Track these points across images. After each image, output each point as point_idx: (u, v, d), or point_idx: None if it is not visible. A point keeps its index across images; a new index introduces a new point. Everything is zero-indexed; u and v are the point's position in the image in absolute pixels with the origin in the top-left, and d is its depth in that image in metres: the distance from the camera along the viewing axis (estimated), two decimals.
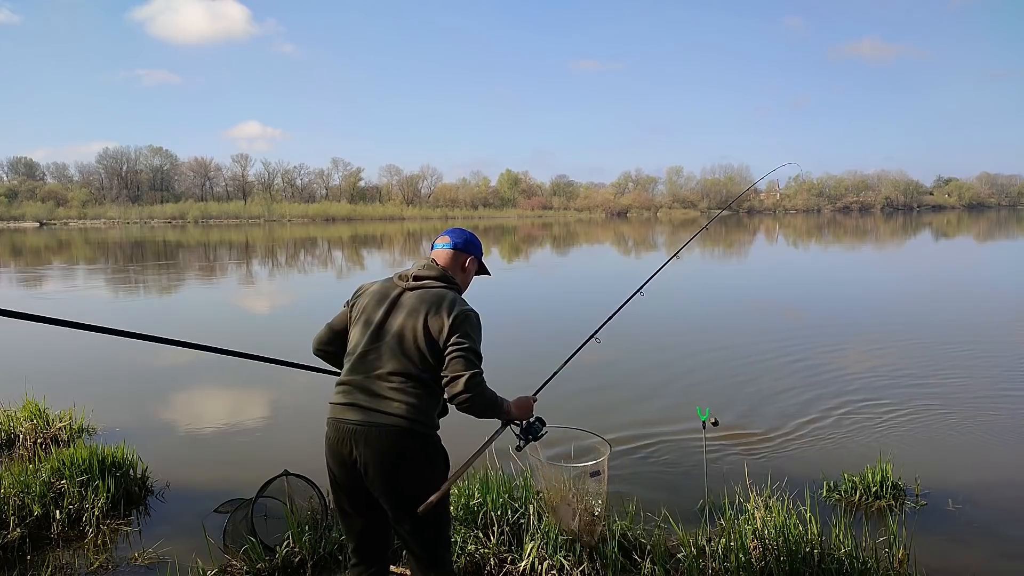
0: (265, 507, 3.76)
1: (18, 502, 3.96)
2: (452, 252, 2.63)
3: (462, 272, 2.66)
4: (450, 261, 2.62)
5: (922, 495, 4.31)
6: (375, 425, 2.31)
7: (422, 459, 2.36)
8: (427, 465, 2.38)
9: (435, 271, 2.54)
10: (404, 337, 2.37)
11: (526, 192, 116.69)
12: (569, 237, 45.49)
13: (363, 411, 2.33)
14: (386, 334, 2.41)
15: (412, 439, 2.33)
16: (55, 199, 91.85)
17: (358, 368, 2.41)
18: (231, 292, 17.17)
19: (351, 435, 2.33)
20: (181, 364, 8.83)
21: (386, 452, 2.30)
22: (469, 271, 2.69)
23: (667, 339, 9.89)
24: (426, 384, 2.36)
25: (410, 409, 2.32)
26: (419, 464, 2.35)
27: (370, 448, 2.30)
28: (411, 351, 2.36)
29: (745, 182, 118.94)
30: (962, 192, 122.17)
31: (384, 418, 2.31)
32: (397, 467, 2.31)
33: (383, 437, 2.30)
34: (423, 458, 2.37)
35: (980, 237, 38.50)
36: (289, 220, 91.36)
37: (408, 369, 2.35)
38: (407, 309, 2.42)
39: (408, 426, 2.31)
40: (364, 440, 2.31)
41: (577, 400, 6.61)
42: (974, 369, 7.60)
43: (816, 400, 6.48)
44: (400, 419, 2.30)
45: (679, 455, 5.01)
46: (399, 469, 2.32)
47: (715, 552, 3.29)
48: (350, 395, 2.39)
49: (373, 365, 2.38)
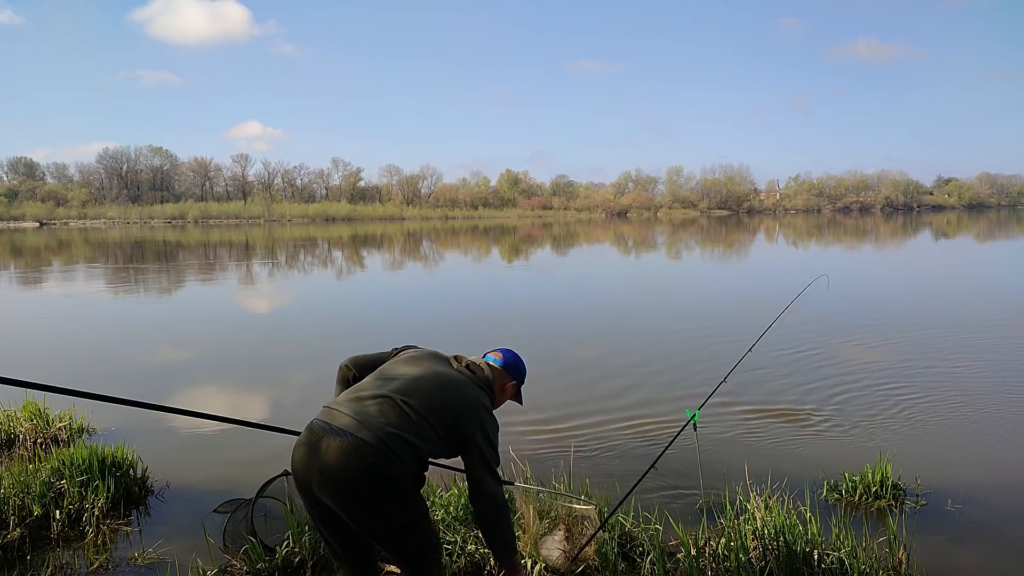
0: (265, 507, 3.76)
1: (18, 502, 3.96)
2: (501, 370, 2.73)
3: (501, 392, 2.73)
4: (496, 376, 2.70)
5: (922, 495, 4.31)
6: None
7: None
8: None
9: (485, 372, 2.63)
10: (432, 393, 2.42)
11: (526, 192, 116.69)
12: (569, 237, 45.49)
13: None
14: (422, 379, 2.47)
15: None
16: (55, 199, 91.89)
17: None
18: (231, 292, 17.17)
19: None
20: (181, 364, 8.83)
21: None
22: (507, 392, 2.77)
23: (665, 338, 9.90)
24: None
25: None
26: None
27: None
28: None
29: (745, 182, 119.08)
30: (962, 192, 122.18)
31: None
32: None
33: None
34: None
35: (980, 237, 38.50)
36: (289, 220, 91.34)
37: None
38: (449, 376, 2.52)
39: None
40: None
41: (577, 400, 6.62)
42: (974, 368, 7.60)
43: (816, 400, 6.48)
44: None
45: (678, 455, 5.01)
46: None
47: (715, 552, 3.29)
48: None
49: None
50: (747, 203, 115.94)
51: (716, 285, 17.72)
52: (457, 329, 11.24)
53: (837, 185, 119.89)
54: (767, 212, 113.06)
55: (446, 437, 2.36)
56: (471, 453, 2.39)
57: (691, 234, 47.37)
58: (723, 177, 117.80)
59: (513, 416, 6.03)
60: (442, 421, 2.35)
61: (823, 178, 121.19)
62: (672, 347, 9.30)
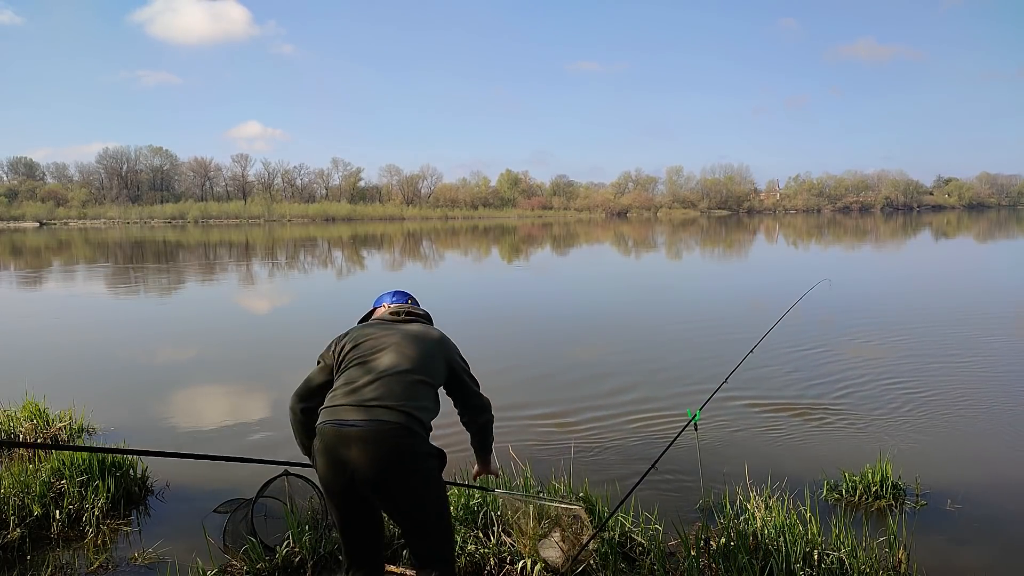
0: (265, 507, 3.76)
1: (18, 502, 3.96)
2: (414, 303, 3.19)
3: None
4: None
5: (922, 495, 4.31)
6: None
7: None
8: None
9: (420, 311, 3.11)
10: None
11: (526, 192, 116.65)
12: (569, 237, 45.48)
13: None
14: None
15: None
16: (55, 199, 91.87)
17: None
18: (231, 292, 17.17)
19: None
20: (181, 364, 8.83)
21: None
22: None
23: (665, 338, 9.90)
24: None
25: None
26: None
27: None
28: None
29: (745, 182, 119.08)
30: (962, 192, 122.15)
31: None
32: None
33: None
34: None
35: (980, 237, 38.50)
36: (289, 220, 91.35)
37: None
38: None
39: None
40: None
41: (577, 400, 6.62)
42: (974, 368, 7.60)
43: (816, 400, 6.48)
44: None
45: (678, 455, 5.01)
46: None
47: (715, 552, 3.29)
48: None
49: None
50: (747, 203, 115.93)
51: (716, 285, 17.72)
52: (458, 330, 11.23)
53: (837, 185, 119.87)
54: (767, 212, 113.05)
55: (439, 379, 2.67)
56: (461, 376, 2.77)
57: (691, 234, 47.37)
58: (723, 177, 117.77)
59: (513, 416, 6.04)
60: (437, 369, 2.66)
61: (823, 178, 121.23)
62: (673, 347, 9.30)
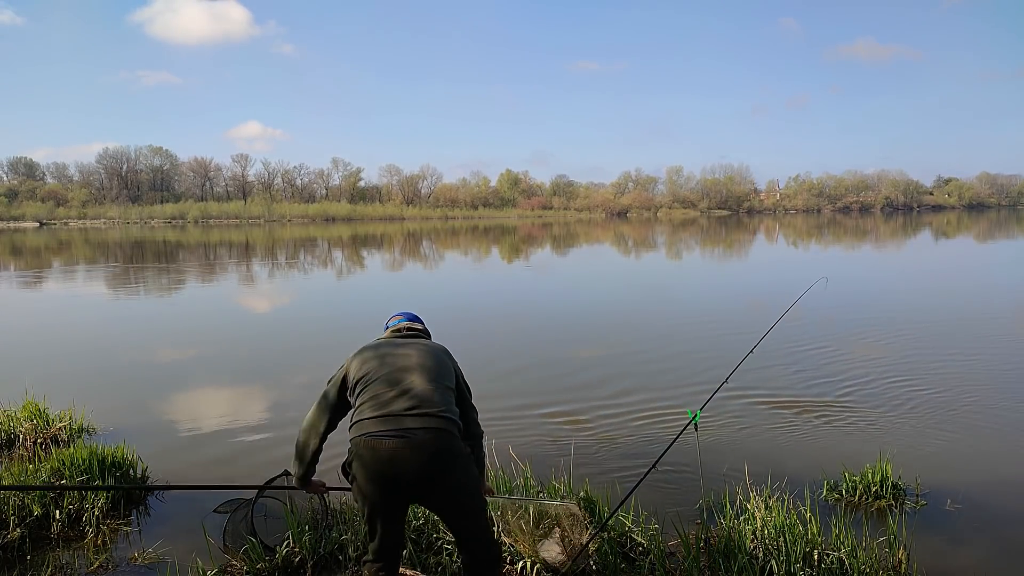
0: (265, 507, 3.76)
1: (18, 502, 3.96)
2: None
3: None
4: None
5: (922, 495, 4.31)
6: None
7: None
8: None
9: (421, 328, 3.24)
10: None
11: (526, 192, 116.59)
12: (569, 237, 45.49)
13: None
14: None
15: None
16: (55, 199, 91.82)
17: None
18: (232, 292, 17.17)
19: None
20: (181, 364, 8.83)
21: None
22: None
23: (666, 338, 9.90)
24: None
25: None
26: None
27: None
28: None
29: (745, 182, 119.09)
30: (962, 192, 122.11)
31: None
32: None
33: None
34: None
35: (980, 237, 38.50)
36: (289, 220, 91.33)
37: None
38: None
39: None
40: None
41: (578, 400, 6.62)
42: (975, 368, 7.60)
43: (816, 400, 6.48)
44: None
45: (678, 455, 5.01)
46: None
47: (715, 552, 3.29)
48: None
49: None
50: (747, 203, 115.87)
51: (716, 285, 17.73)
52: (458, 329, 11.24)
53: (837, 185, 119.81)
54: (767, 212, 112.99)
55: (453, 385, 2.82)
56: (463, 386, 2.93)
57: (691, 234, 47.37)
58: (723, 177, 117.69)
59: (513, 415, 6.04)
60: (451, 376, 2.83)
61: (823, 178, 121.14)
62: (673, 347, 9.30)
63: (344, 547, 3.52)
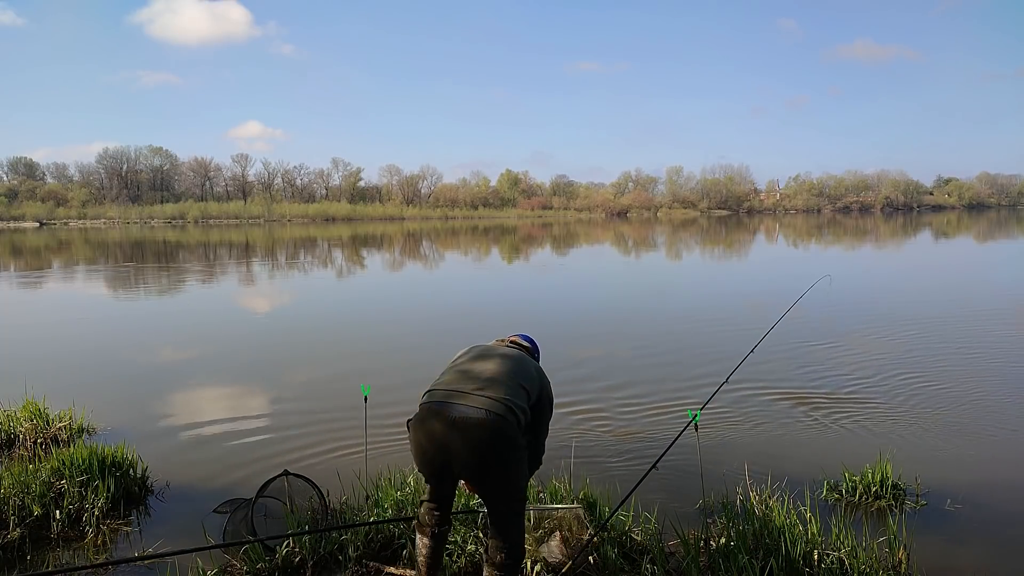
0: (265, 507, 3.76)
1: (18, 502, 3.96)
2: (529, 347, 3.38)
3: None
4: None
5: (922, 495, 4.31)
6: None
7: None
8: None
9: (525, 346, 3.37)
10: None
11: (526, 192, 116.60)
12: (569, 237, 45.49)
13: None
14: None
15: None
16: (55, 199, 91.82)
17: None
18: (232, 292, 17.17)
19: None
20: (181, 364, 8.83)
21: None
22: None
23: (666, 338, 9.90)
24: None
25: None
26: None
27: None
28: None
29: (745, 181, 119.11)
30: (962, 192, 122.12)
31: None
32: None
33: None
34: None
35: (980, 237, 38.50)
36: (289, 220, 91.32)
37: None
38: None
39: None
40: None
41: (578, 400, 6.62)
42: (974, 368, 7.60)
43: (816, 399, 6.48)
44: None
45: (678, 455, 5.01)
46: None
47: (715, 552, 3.29)
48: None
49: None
50: (747, 203, 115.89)
51: (717, 285, 17.72)
52: (458, 329, 11.24)
53: (837, 185, 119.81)
54: (767, 212, 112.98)
55: (531, 396, 2.90)
56: (544, 403, 3.03)
57: (691, 234, 47.37)
58: (723, 177, 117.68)
59: None
60: (532, 382, 2.93)
61: (823, 178, 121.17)
62: (673, 347, 9.30)
63: (344, 547, 3.52)
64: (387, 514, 3.77)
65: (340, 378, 7.88)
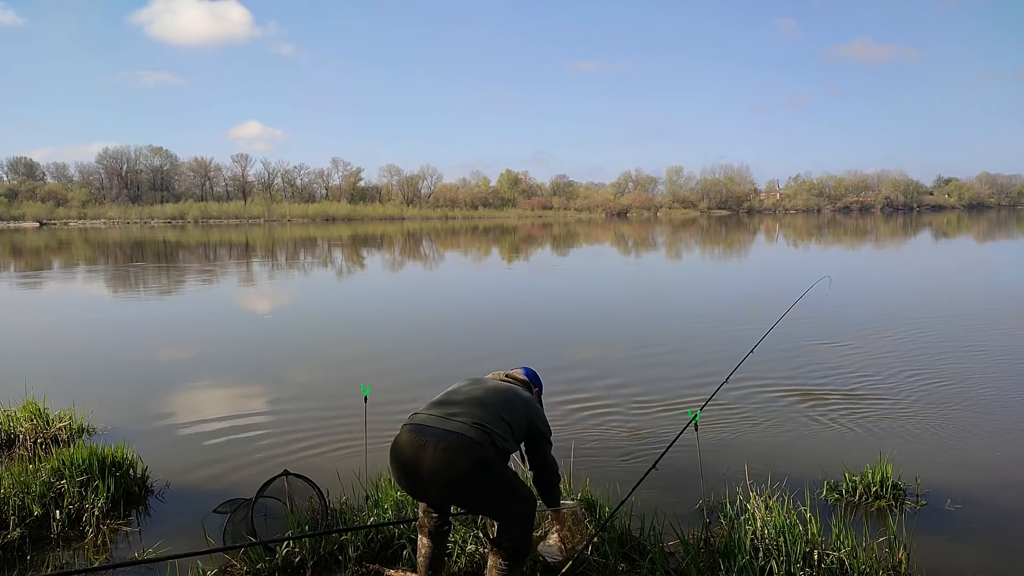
0: (265, 507, 3.76)
1: (18, 502, 3.96)
2: (527, 380, 3.40)
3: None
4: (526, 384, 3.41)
5: (922, 495, 4.31)
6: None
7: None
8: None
9: (521, 378, 3.38)
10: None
11: (526, 192, 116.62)
12: (569, 237, 45.48)
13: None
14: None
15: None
16: (55, 199, 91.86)
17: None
18: (232, 292, 17.17)
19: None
20: (181, 364, 8.83)
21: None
22: (532, 397, 3.38)
23: (666, 338, 9.90)
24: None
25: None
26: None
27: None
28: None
29: (745, 181, 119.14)
30: (962, 192, 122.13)
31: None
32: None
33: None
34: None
35: (980, 237, 38.49)
36: (289, 220, 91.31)
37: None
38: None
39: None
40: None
41: (577, 400, 6.61)
42: (975, 368, 7.59)
43: (816, 399, 6.47)
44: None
45: (678, 455, 5.01)
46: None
47: (715, 552, 3.29)
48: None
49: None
50: (747, 203, 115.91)
51: (717, 285, 17.72)
52: (458, 329, 11.23)
53: (837, 185, 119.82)
54: (767, 212, 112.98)
55: (517, 429, 2.91)
56: (536, 436, 3.06)
57: (691, 234, 47.36)
58: (723, 177, 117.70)
59: None
60: (518, 417, 2.92)
61: (823, 178, 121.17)
62: (673, 347, 9.30)
63: (344, 548, 3.52)
64: (387, 515, 3.77)
65: (340, 378, 7.88)
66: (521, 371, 3.45)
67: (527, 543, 2.88)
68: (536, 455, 3.12)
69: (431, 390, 3.20)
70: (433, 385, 7.04)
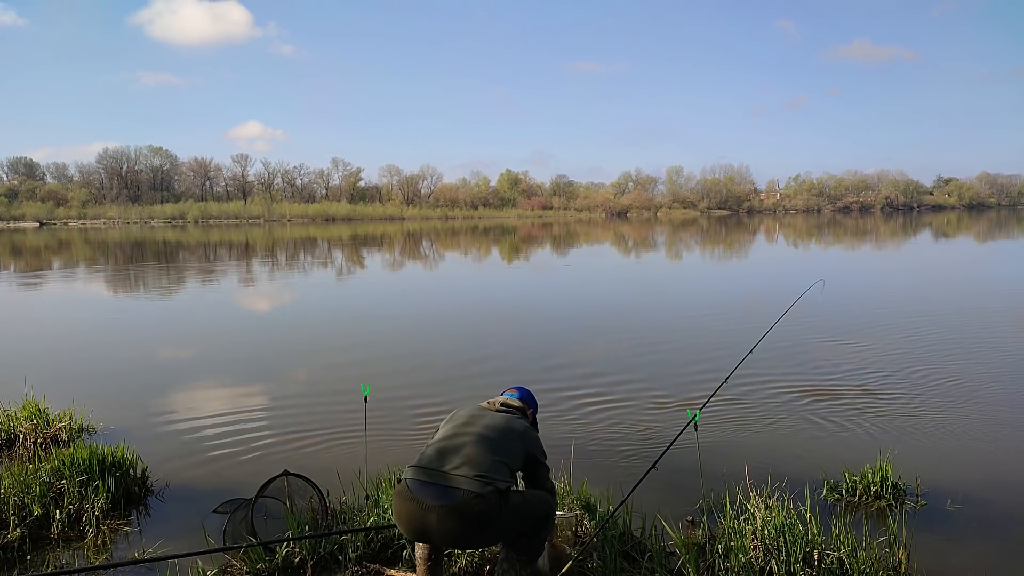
0: (265, 507, 3.76)
1: (18, 502, 3.96)
2: (522, 404, 3.40)
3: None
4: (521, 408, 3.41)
5: (922, 495, 4.31)
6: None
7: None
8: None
9: (516, 405, 3.36)
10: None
11: (526, 192, 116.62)
12: (569, 237, 45.47)
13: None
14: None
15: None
16: (55, 199, 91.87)
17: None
18: (232, 292, 17.16)
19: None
20: (181, 364, 8.83)
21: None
22: (528, 419, 3.40)
23: (666, 338, 9.89)
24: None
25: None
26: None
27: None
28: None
29: (745, 181, 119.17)
30: (962, 192, 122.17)
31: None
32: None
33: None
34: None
35: (980, 237, 38.49)
36: (289, 220, 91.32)
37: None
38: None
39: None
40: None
41: (577, 400, 6.61)
42: (975, 368, 7.59)
43: (815, 399, 6.47)
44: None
45: (678, 455, 5.01)
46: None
47: (715, 552, 3.29)
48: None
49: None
50: (747, 203, 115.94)
51: (716, 285, 17.71)
52: (458, 328, 11.23)
53: (837, 185, 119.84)
54: (767, 212, 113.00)
55: (514, 463, 2.95)
56: (533, 464, 3.09)
57: (691, 234, 47.35)
58: (723, 177, 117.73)
59: None
60: (514, 452, 2.97)
61: (823, 178, 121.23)
62: (673, 347, 9.30)
63: (344, 548, 3.52)
64: (387, 514, 3.77)
65: (340, 378, 7.88)
66: (516, 394, 3.48)
67: (541, 541, 2.94)
68: (533, 481, 3.17)
69: (431, 390, 3.22)
70: (433, 385, 7.08)
